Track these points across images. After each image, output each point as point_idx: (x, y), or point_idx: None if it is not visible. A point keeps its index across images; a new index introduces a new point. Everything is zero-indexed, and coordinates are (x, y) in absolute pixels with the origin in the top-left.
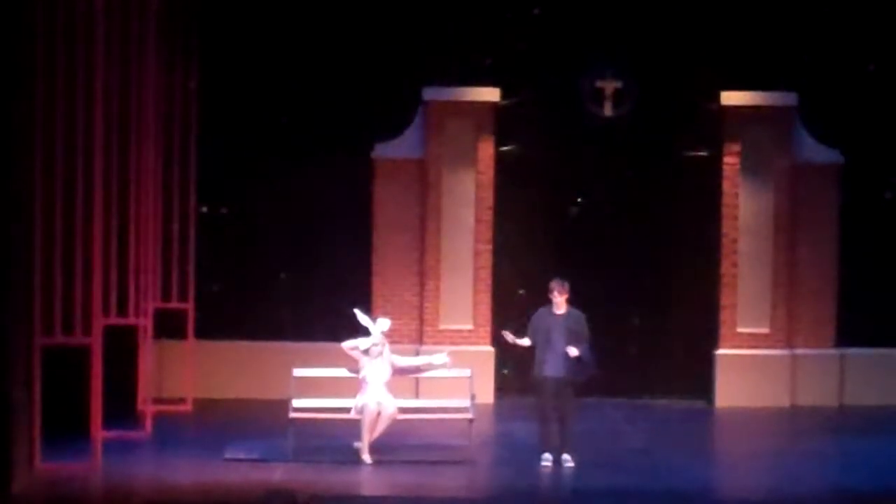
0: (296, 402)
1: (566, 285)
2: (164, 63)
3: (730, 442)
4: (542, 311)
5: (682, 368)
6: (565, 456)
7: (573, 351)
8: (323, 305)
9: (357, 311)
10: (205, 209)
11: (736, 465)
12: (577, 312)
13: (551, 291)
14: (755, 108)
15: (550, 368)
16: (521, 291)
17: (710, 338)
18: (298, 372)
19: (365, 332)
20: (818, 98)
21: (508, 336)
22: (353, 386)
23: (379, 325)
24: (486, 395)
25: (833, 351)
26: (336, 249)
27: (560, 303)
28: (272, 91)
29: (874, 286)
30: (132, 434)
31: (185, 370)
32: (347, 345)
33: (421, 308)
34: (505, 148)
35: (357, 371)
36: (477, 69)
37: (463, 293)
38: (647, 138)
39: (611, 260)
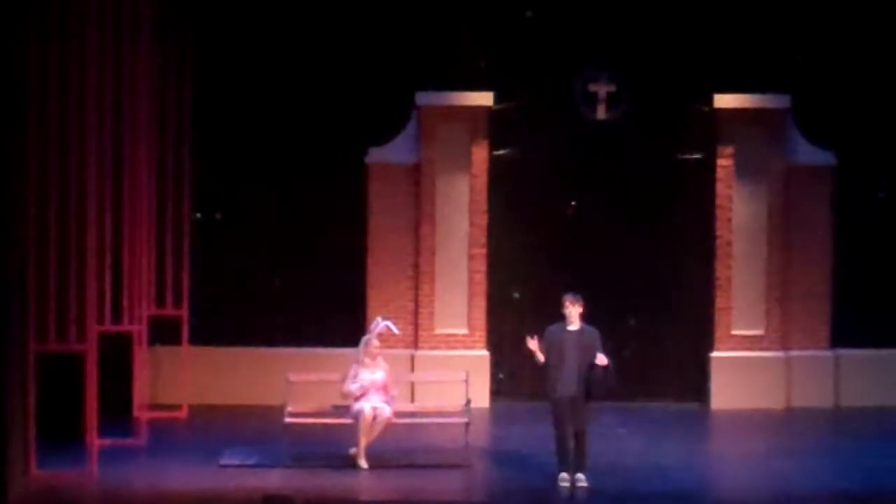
0: (291, 408)
1: (580, 298)
2: (158, 69)
3: (725, 444)
4: (554, 327)
5: (678, 371)
6: (579, 475)
7: (602, 359)
8: (317, 311)
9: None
10: (199, 215)
11: (732, 467)
12: (591, 328)
13: (564, 305)
14: (748, 111)
15: (564, 387)
16: (515, 295)
17: (705, 340)
18: (293, 377)
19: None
20: (811, 100)
21: (533, 343)
22: None
23: (381, 327)
24: (482, 399)
25: (828, 352)
26: (330, 255)
27: (573, 317)
28: (266, 97)
29: (868, 287)
30: (127, 441)
31: (180, 377)
32: (346, 390)
33: (416, 312)
34: (499, 152)
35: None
36: (470, 73)
37: (458, 297)
38: (641, 141)
39: (605, 263)
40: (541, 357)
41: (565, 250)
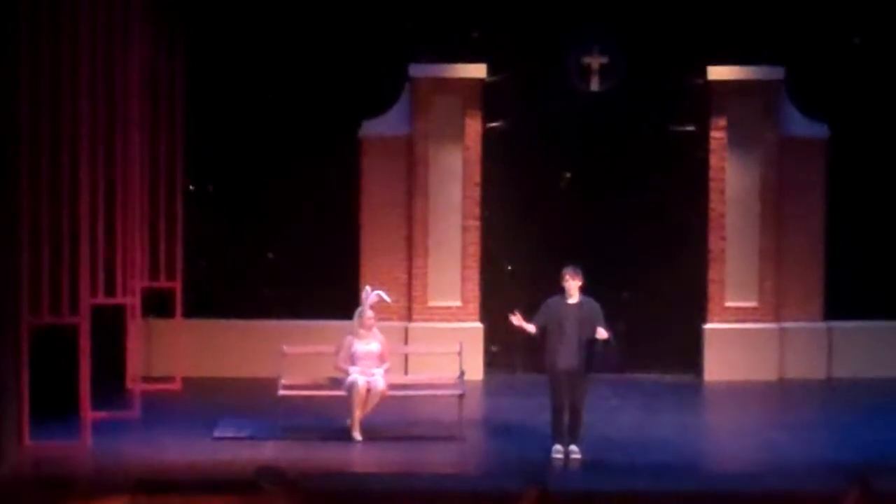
0: (285, 380)
1: (579, 272)
2: (150, 41)
3: (719, 416)
4: (553, 299)
5: (671, 343)
6: (573, 447)
7: (602, 333)
8: (311, 283)
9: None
10: (192, 187)
11: (725, 438)
12: (591, 301)
13: (563, 278)
14: (741, 83)
15: (563, 361)
16: (509, 268)
17: (699, 312)
18: (287, 349)
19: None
20: (804, 72)
21: (516, 319)
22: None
23: (373, 297)
24: (476, 371)
25: (821, 324)
26: (324, 227)
27: (573, 290)
28: (258, 69)
29: (861, 259)
30: (121, 413)
31: (173, 349)
32: (341, 366)
33: (409, 285)
34: (492, 124)
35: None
36: (463, 45)
37: (451, 270)
38: (634, 113)
39: (598, 235)
40: (530, 328)
41: (559, 222)
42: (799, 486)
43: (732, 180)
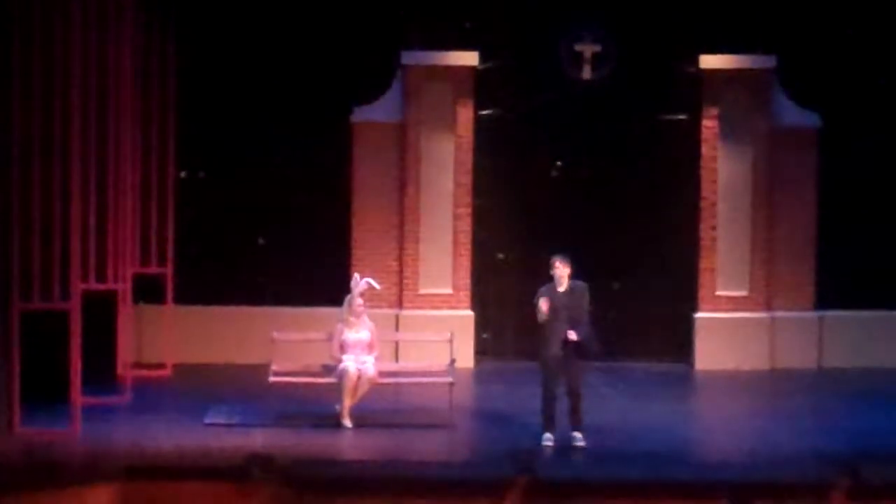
0: (275, 367)
1: (568, 259)
2: (142, 26)
3: (709, 404)
4: (545, 288)
5: (662, 332)
6: (576, 434)
7: (572, 335)
8: (302, 270)
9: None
10: (183, 174)
11: (715, 427)
12: (579, 285)
13: (553, 266)
14: (734, 72)
15: (554, 347)
16: (500, 255)
17: (690, 301)
18: (278, 336)
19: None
20: (796, 61)
21: (544, 303)
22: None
23: (363, 284)
24: (466, 359)
25: (812, 313)
26: (315, 214)
27: (563, 279)
28: (250, 55)
29: (852, 248)
30: (112, 399)
31: (164, 335)
32: (335, 355)
33: (400, 272)
34: (484, 112)
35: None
36: (456, 33)
37: (442, 257)
38: (626, 102)
39: (590, 223)
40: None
41: (550, 210)
42: (789, 476)
43: (724, 169)
